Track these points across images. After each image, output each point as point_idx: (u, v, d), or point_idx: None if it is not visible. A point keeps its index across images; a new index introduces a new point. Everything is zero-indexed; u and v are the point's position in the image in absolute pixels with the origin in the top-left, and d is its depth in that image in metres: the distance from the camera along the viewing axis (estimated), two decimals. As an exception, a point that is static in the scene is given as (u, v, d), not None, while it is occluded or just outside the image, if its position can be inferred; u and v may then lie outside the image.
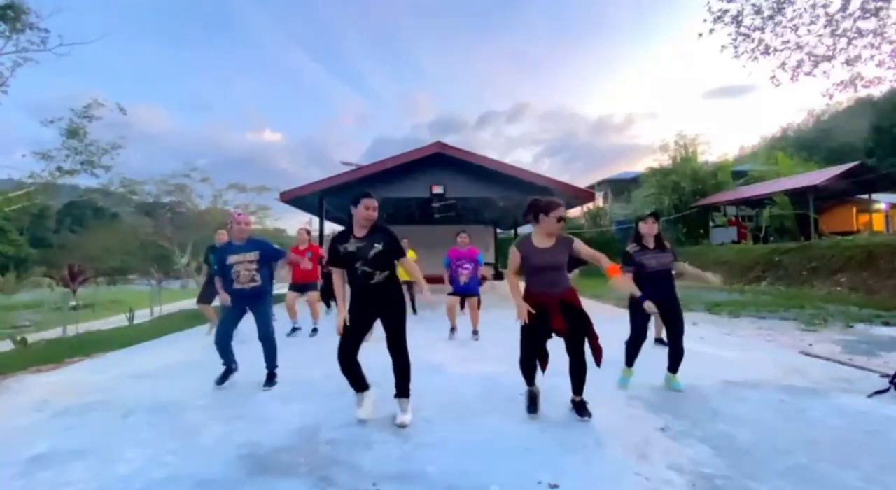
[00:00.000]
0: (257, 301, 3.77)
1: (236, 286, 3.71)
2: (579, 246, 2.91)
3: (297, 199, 10.96)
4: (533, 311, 2.84)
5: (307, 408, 3.15)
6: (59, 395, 3.55)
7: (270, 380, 3.75)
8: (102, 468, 2.31)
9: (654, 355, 4.09)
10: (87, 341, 6.27)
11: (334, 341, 3.00)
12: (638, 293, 3.28)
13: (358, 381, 2.96)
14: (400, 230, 4.16)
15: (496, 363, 4.24)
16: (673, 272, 3.64)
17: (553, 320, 2.82)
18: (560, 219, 2.88)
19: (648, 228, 3.58)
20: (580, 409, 2.93)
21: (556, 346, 2.93)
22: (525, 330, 2.92)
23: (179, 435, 2.73)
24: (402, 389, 2.96)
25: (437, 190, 10.56)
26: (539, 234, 2.94)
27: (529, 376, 3.03)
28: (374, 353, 3.25)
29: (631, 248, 3.62)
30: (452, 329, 5.90)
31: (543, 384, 3.07)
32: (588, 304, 3.84)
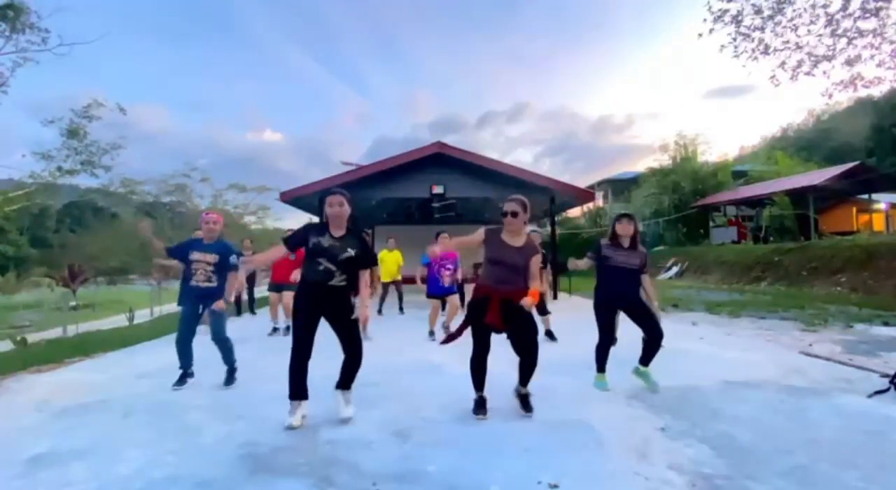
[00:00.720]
0: (210, 301, 3.78)
1: (192, 282, 3.76)
2: (535, 261, 2.92)
3: (297, 199, 10.96)
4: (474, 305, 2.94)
5: (307, 408, 3.15)
6: (59, 395, 3.55)
7: (230, 377, 3.82)
8: (102, 468, 2.31)
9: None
10: (87, 341, 6.27)
11: (333, 341, 3.00)
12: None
13: (301, 388, 2.90)
14: (400, 230, 4.17)
15: (496, 363, 4.22)
16: (640, 274, 3.61)
17: (488, 315, 2.83)
18: (505, 214, 2.94)
19: (623, 229, 3.57)
20: (523, 402, 3.01)
21: (551, 348, 2.92)
22: (466, 322, 3.00)
23: (179, 435, 2.73)
24: (347, 381, 2.98)
25: (437, 190, 10.57)
26: (507, 231, 2.98)
27: (477, 381, 3.04)
28: (374, 352, 3.24)
29: (604, 241, 3.69)
30: (431, 332, 5.86)
31: (542, 384, 3.07)
32: (587, 305, 3.85)
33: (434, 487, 2.10)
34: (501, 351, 3.52)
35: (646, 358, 3.52)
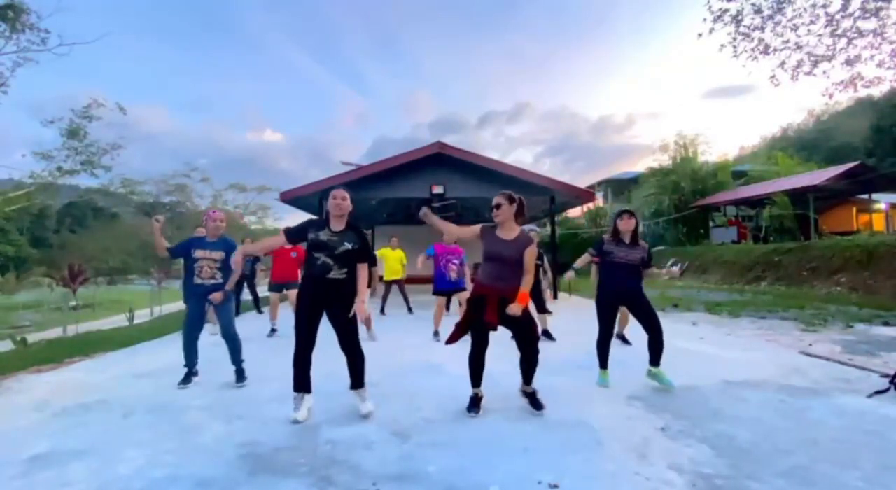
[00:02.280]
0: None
1: (197, 281, 3.75)
2: (529, 252, 2.91)
3: (297, 199, 10.96)
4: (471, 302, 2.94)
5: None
6: (59, 395, 3.55)
7: (240, 376, 3.81)
8: (102, 468, 2.31)
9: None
10: (87, 341, 6.27)
11: (332, 341, 3.00)
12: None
13: (305, 380, 2.96)
14: (399, 230, 4.16)
15: (496, 363, 4.22)
16: (643, 269, 3.67)
17: (486, 313, 2.84)
18: (491, 207, 2.98)
19: (624, 225, 3.62)
20: (533, 400, 3.03)
21: (550, 348, 2.92)
22: (465, 319, 3.00)
23: (179, 435, 2.73)
24: (358, 381, 3.03)
25: (437, 190, 10.57)
26: (499, 226, 3.00)
27: (475, 377, 3.06)
28: (375, 352, 3.24)
29: (606, 237, 3.72)
30: (436, 333, 5.76)
31: (542, 384, 3.07)
32: (588, 305, 3.85)
33: (434, 487, 2.10)
34: (502, 350, 3.52)
35: (654, 357, 3.52)
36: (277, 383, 3.76)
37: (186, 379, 3.74)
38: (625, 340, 5.12)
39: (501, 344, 3.01)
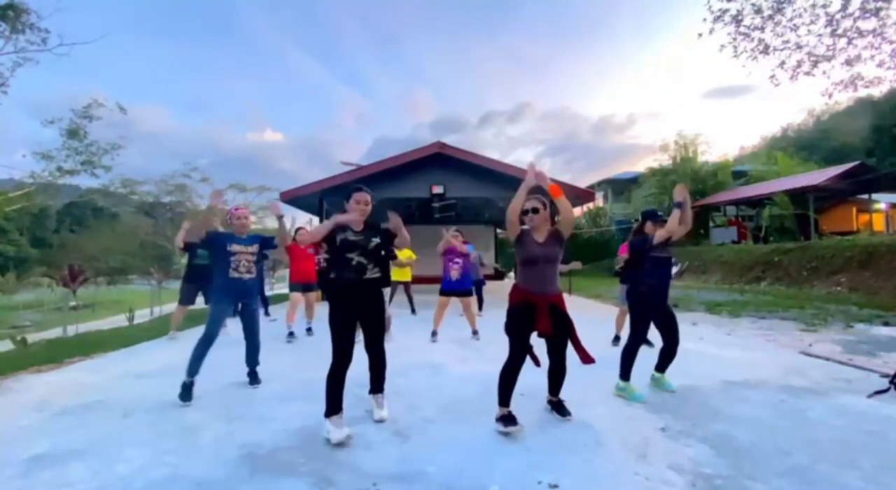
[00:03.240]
0: (252, 294, 3.74)
1: (234, 275, 3.60)
2: (561, 227, 2.84)
3: (297, 198, 10.96)
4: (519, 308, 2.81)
5: (307, 408, 3.15)
6: (59, 395, 3.55)
7: (255, 378, 3.77)
8: (102, 468, 2.31)
9: (654, 356, 4.07)
10: (87, 341, 6.27)
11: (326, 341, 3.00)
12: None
13: (338, 399, 2.76)
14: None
15: (496, 363, 4.20)
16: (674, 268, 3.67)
17: (539, 323, 2.77)
18: (526, 211, 2.86)
19: (652, 230, 3.60)
20: (560, 408, 2.98)
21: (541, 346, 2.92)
22: (513, 328, 2.86)
23: (179, 435, 2.73)
24: (379, 385, 3.01)
25: (437, 190, 10.57)
26: (535, 229, 2.91)
27: (507, 395, 2.85)
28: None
29: (638, 235, 3.68)
30: (433, 333, 5.68)
31: (541, 384, 3.07)
32: (587, 305, 3.85)
33: (434, 487, 2.10)
34: (502, 351, 3.51)
35: (664, 364, 3.50)
36: (277, 383, 3.76)
37: (189, 393, 3.34)
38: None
39: (502, 345, 3.00)
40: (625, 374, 3.40)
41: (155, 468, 2.30)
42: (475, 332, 5.67)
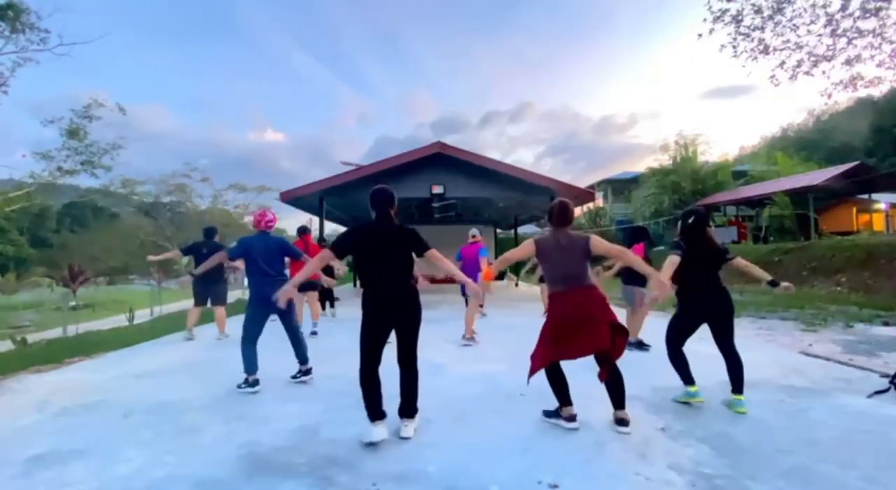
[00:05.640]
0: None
1: (269, 278, 3.71)
2: (595, 242, 2.70)
3: (297, 199, 10.96)
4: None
5: (307, 408, 3.15)
6: (59, 395, 3.55)
7: (308, 372, 3.79)
8: (102, 468, 2.31)
9: (654, 356, 4.08)
10: (87, 341, 6.27)
11: (332, 341, 3.00)
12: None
13: (377, 405, 2.63)
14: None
15: (496, 363, 4.24)
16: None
17: (599, 340, 2.65)
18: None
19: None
20: (621, 421, 2.73)
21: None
22: (551, 338, 2.75)
23: (179, 435, 2.73)
24: (410, 410, 2.73)
25: (438, 190, 10.57)
26: (554, 235, 2.79)
27: (564, 394, 2.83)
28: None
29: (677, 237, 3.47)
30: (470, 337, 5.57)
31: (541, 384, 3.06)
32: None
33: (434, 487, 2.10)
34: (503, 352, 3.52)
35: (738, 384, 3.19)
36: (277, 383, 3.76)
37: (254, 385, 3.58)
38: (641, 346, 4.76)
39: (502, 345, 3.00)
40: (685, 378, 3.26)
41: (155, 468, 2.30)
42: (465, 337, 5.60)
